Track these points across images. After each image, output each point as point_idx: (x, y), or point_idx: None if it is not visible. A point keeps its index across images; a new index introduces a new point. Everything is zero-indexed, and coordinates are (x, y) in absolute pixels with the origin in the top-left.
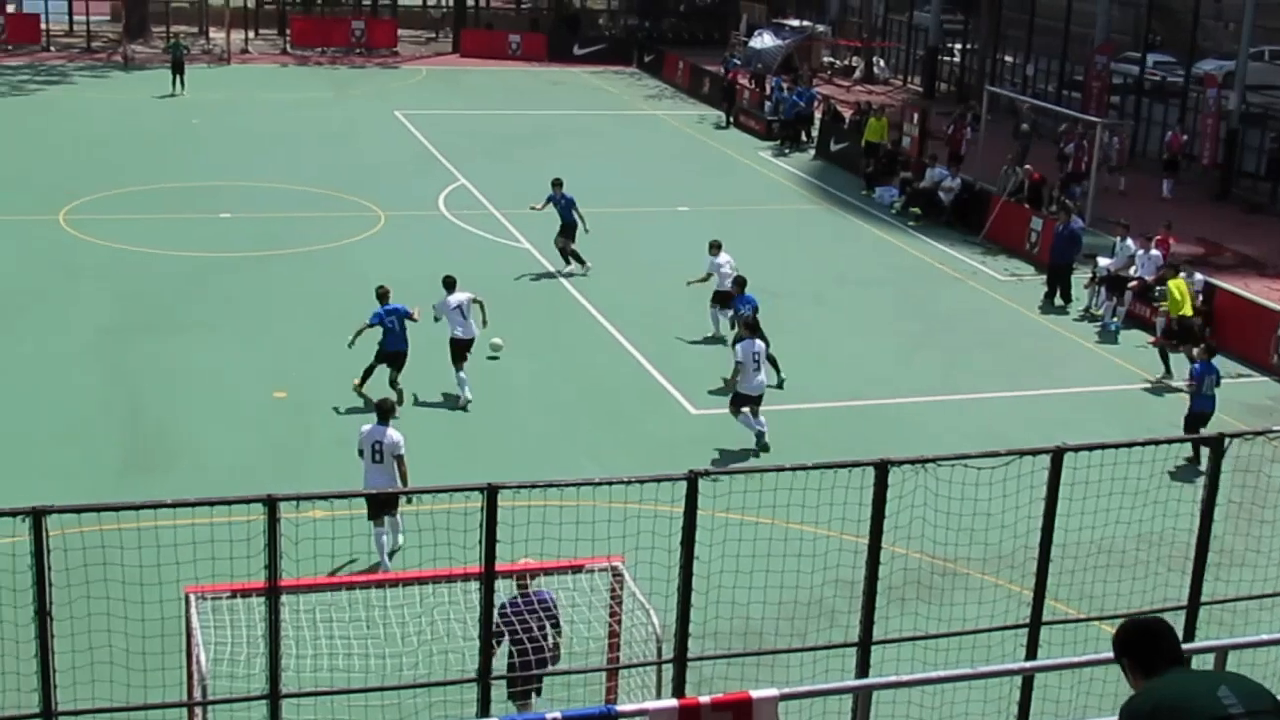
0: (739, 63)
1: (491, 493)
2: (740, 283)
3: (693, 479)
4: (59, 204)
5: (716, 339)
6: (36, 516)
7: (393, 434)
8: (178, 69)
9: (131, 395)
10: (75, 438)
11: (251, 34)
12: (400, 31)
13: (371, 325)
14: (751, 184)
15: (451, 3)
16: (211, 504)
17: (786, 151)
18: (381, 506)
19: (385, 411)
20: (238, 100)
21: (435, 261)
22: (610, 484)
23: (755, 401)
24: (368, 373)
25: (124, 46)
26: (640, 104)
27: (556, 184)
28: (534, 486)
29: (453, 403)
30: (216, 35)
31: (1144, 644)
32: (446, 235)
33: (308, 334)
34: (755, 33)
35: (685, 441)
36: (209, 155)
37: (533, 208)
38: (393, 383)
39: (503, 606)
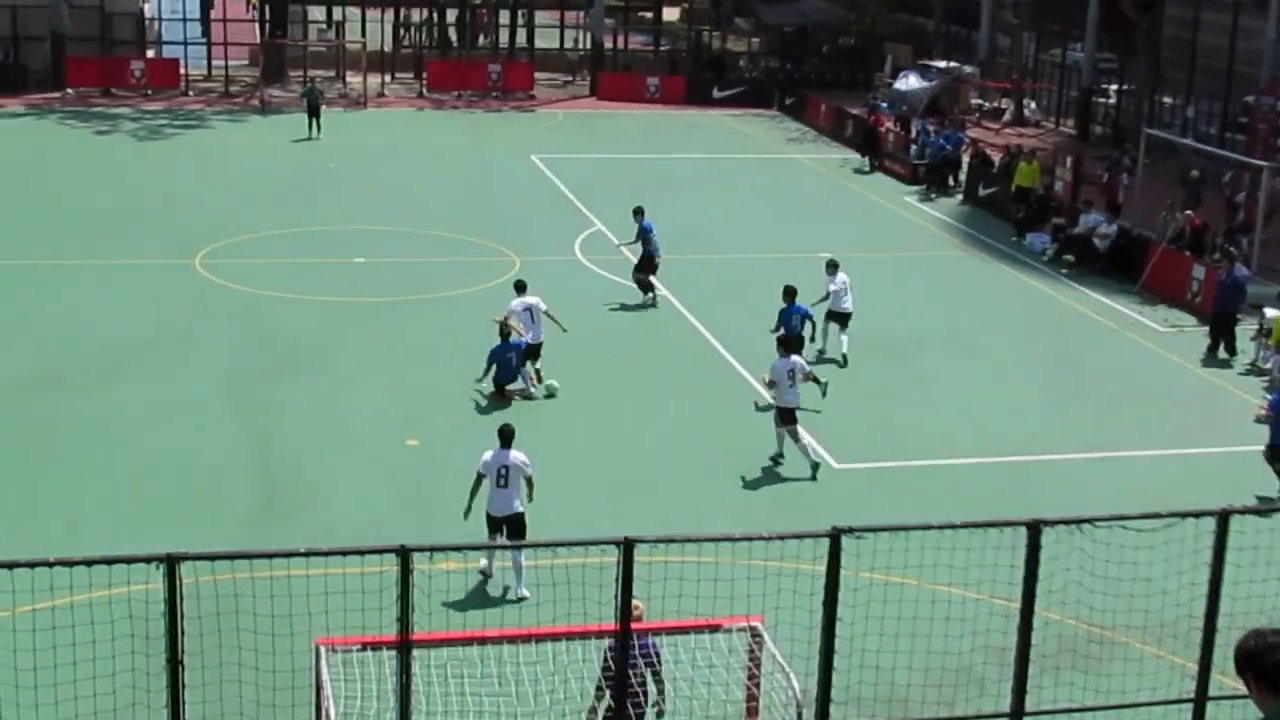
0: (884, 105)
1: (628, 547)
2: (790, 293)
3: (835, 536)
4: (195, 248)
5: (822, 353)
6: (170, 564)
7: (518, 455)
8: (314, 112)
9: (264, 441)
10: (208, 484)
11: (388, 77)
12: (537, 75)
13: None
14: (896, 229)
15: (589, 45)
16: (344, 553)
17: (933, 196)
18: (502, 528)
19: (508, 436)
20: (374, 144)
21: (570, 307)
22: (750, 540)
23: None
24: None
25: (261, 91)
26: (781, 147)
27: (638, 212)
28: (670, 541)
29: (566, 438)
30: (353, 79)
31: (1274, 658)
32: (581, 280)
33: (442, 380)
34: (900, 74)
35: (827, 496)
36: (344, 199)
37: (623, 245)
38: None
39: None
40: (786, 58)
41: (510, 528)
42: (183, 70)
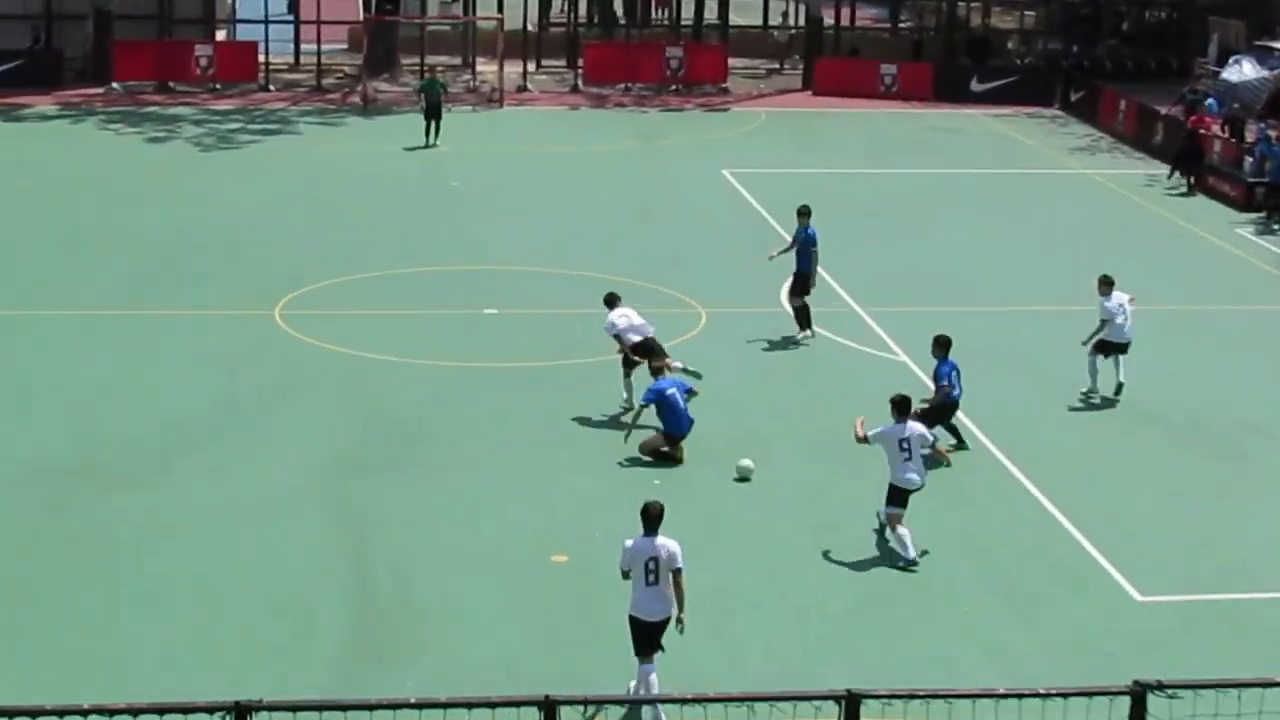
0: (1207, 102)
1: (852, 703)
2: (943, 344)
3: (1138, 694)
4: (275, 294)
5: (1091, 394)
6: (240, 714)
7: (668, 544)
8: (433, 113)
9: (362, 554)
10: (288, 609)
11: (532, 67)
12: (731, 62)
13: (646, 405)
14: (1222, 273)
15: (802, 22)
16: (468, 705)
17: (1275, 228)
18: (656, 641)
19: (654, 518)
20: (511, 155)
21: (770, 377)
22: (1019, 696)
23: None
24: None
25: (364, 85)
26: (1063, 159)
27: (803, 213)
28: (911, 697)
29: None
30: (485, 69)
31: None
32: (788, 341)
33: (598, 474)
34: (1230, 60)
35: (1125, 639)
36: (471, 229)
37: (773, 256)
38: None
39: None
40: (1072, 38)
41: (660, 634)
42: (262, 58)
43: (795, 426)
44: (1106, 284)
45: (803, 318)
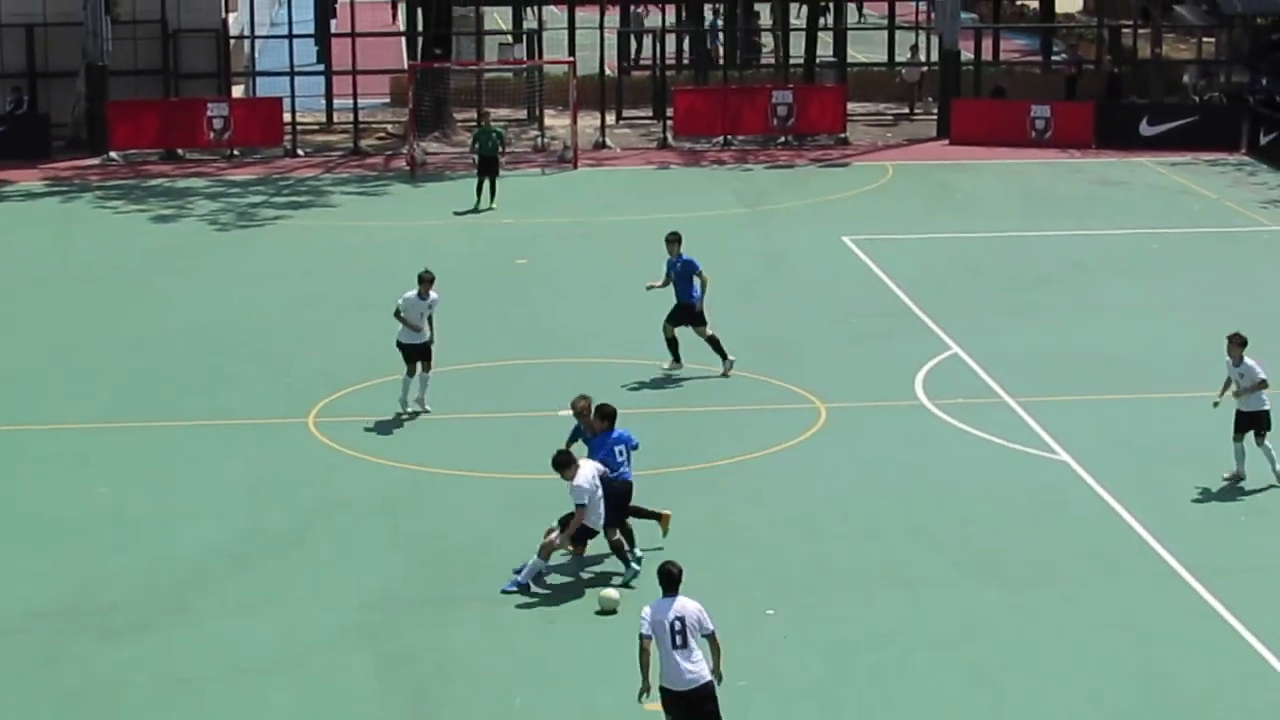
0: None
1: None
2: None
3: None
4: (309, 399)
5: (1237, 479)
6: None
7: (691, 605)
8: (487, 169)
9: (421, 713)
10: None
11: (611, 119)
12: (851, 107)
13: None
14: None
15: (935, 56)
16: None
17: None
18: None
19: (673, 579)
20: (588, 225)
21: (906, 486)
22: None
23: None
24: None
25: (411, 146)
26: (1252, 214)
27: (673, 240)
28: None
29: None
30: (555, 123)
31: None
32: (927, 439)
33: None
34: None
35: None
36: (542, 315)
37: (650, 287)
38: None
39: None
40: (1260, 69)
41: (700, 706)
42: (287, 117)
43: (938, 544)
44: (1237, 343)
45: (673, 347)
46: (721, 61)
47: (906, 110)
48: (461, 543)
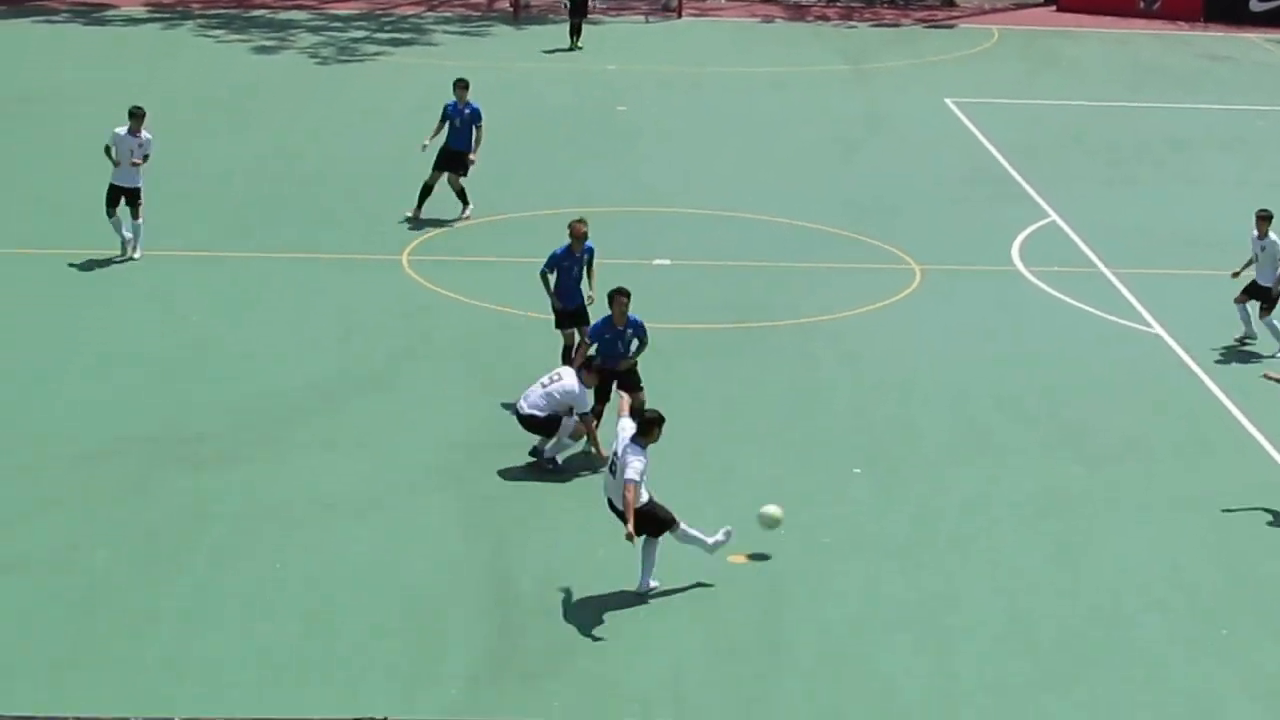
0: None
1: None
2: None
3: None
4: (404, 237)
5: (1246, 339)
6: None
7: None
8: (578, 11)
9: (502, 552)
10: (414, 615)
11: None
12: None
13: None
14: None
15: None
16: None
17: None
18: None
19: (647, 424)
20: (690, 76)
21: (998, 352)
22: None
23: None
24: None
25: None
26: None
27: (460, 86)
28: None
29: None
30: None
31: None
32: (1021, 306)
33: (782, 460)
34: None
35: None
36: (641, 164)
37: (425, 144)
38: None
39: None
40: None
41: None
42: None
43: (1027, 415)
44: (1264, 220)
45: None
46: None
47: None
48: None
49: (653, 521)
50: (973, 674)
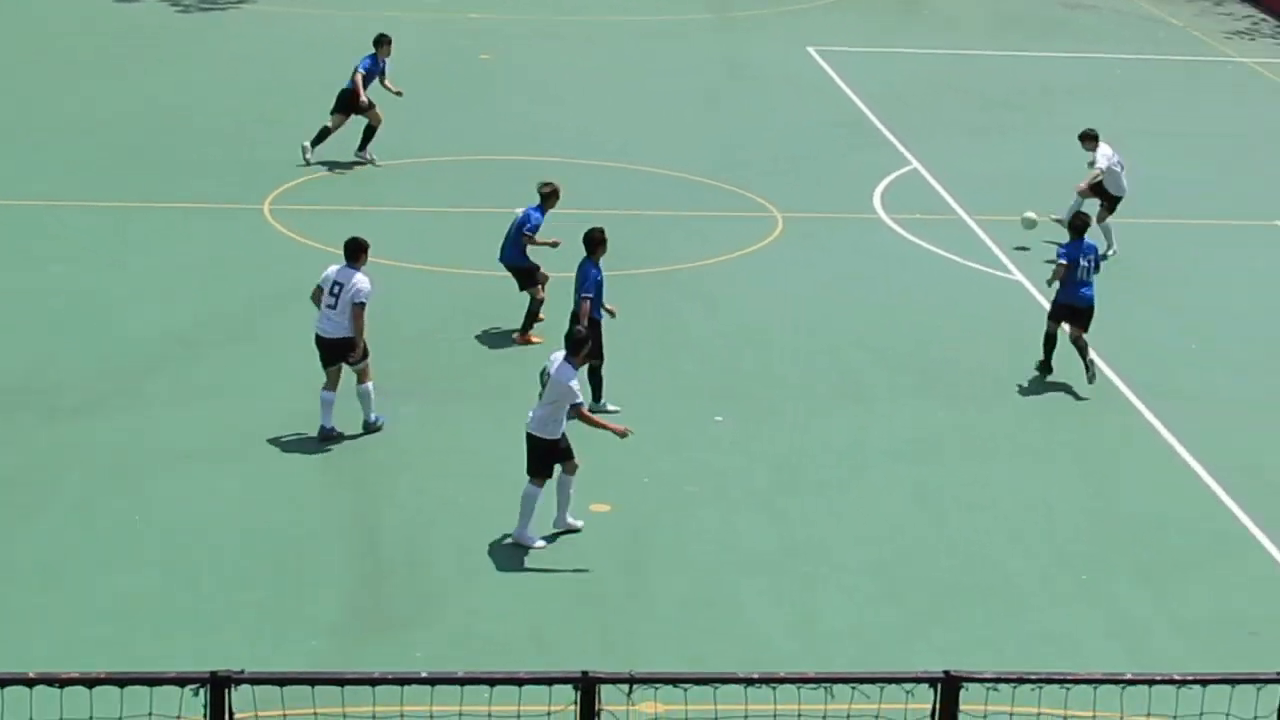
0: None
1: (950, 687)
2: (1077, 228)
3: None
4: (265, 185)
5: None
6: (216, 687)
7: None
8: None
9: (366, 499)
10: (277, 565)
11: None
12: None
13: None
14: None
15: None
16: (491, 682)
17: None
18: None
19: (575, 344)
20: (553, 24)
21: (860, 298)
22: (1150, 683)
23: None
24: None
25: None
26: (1218, 44)
27: (380, 43)
28: (1021, 681)
29: None
30: None
31: None
32: (883, 253)
33: (649, 408)
34: None
35: (1274, 619)
36: (504, 113)
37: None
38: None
39: None
40: None
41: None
42: None
43: (889, 359)
44: (1089, 139)
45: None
46: None
47: None
48: (411, 336)
49: (567, 455)
50: (837, 620)
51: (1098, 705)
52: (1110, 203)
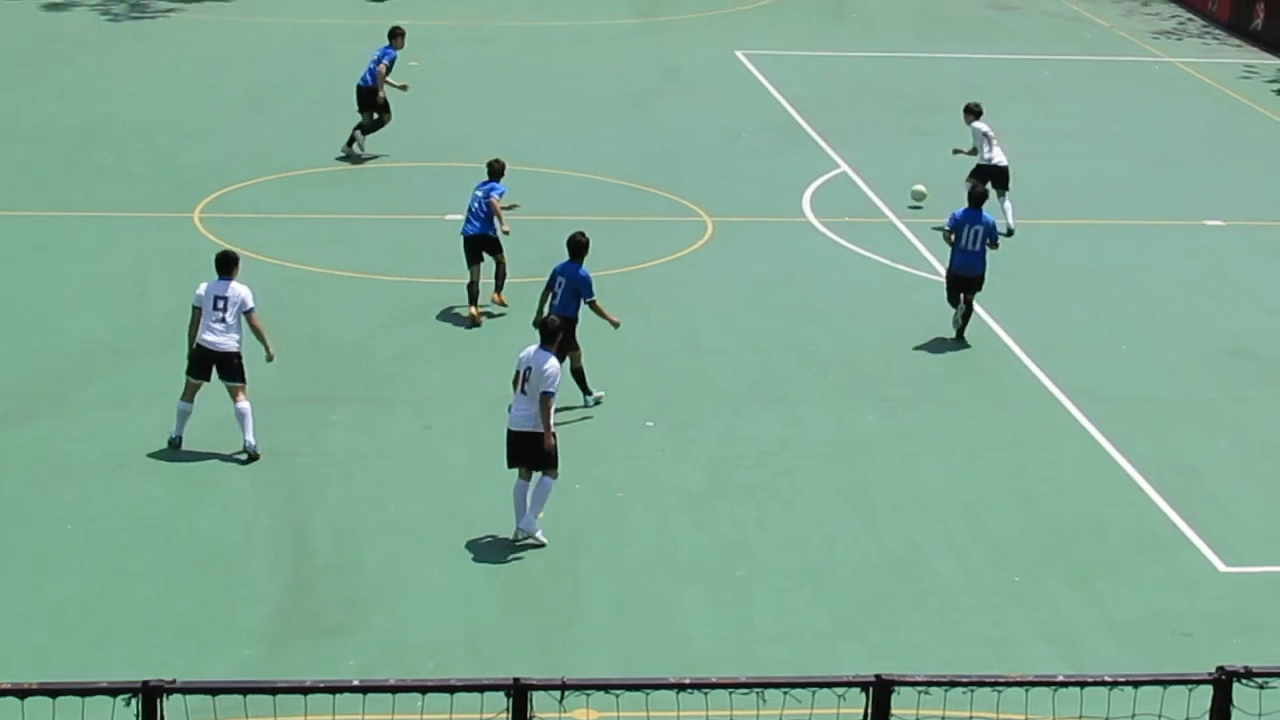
0: None
1: (881, 690)
2: (974, 198)
3: (1223, 682)
4: (195, 193)
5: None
6: (148, 697)
7: (546, 363)
8: None
9: (296, 506)
10: (207, 572)
11: None
12: None
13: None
14: None
15: None
16: (424, 689)
17: None
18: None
19: (550, 333)
20: (483, 31)
21: (790, 302)
22: (1081, 684)
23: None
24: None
25: None
26: (1144, 44)
27: (394, 35)
28: (953, 684)
29: None
30: None
31: None
32: (812, 256)
33: (580, 414)
34: None
35: (1207, 617)
36: (435, 118)
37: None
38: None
39: None
40: None
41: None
42: None
43: (820, 361)
44: (971, 112)
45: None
46: None
47: None
48: (340, 343)
49: (554, 459)
50: (768, 623)
51: (1030, 708)
52: (994, 178)
